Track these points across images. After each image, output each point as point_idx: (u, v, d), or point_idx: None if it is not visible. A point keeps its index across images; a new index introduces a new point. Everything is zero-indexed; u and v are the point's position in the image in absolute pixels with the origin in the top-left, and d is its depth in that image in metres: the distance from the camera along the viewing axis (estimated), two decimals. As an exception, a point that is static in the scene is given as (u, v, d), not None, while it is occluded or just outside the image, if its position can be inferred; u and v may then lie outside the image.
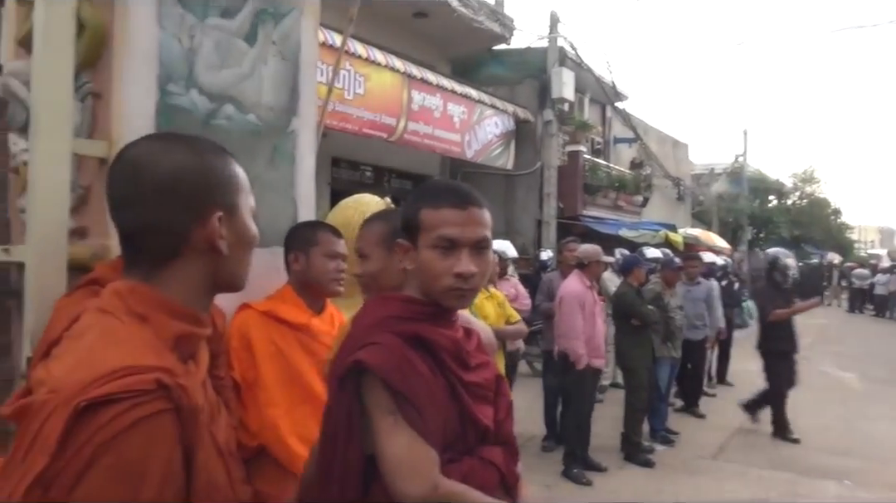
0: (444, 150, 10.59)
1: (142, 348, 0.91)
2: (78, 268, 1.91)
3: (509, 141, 12.16)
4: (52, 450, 0.79)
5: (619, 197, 15.11)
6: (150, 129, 2.08)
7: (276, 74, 2.51)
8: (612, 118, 16.80)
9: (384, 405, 1.24)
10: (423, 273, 1.36)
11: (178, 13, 2.17)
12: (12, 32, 2.31)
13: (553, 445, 5.93)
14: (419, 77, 9.58)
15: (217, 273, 1.04)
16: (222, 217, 1.01)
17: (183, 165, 0.99)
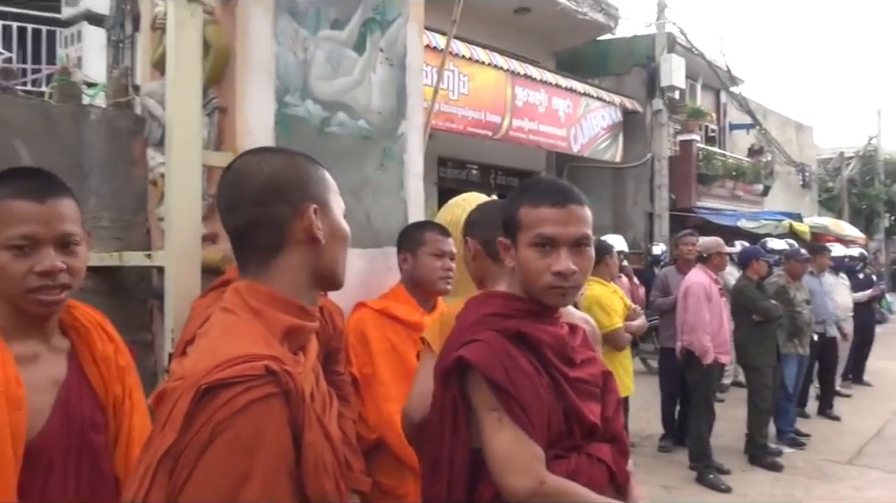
0: (549, 145, 10.49)
1: (254, 339, 1.01)
2: (210, 270, 2.06)
3: (617, 133, 11.87)
4: (179, 427, 0.91)
5: (737, 186, 14.36)
6: (270, 139, 2.22)
7: (384, 80, 2.60)
8: (726, 104, 16.00)
9: (488, 402, 1.27)
10: (523, 271, 1.38)
11: (293, 28, 2.29)
12: (148, 56, 2.53)
13: (671, 445, 5.74)
14: (522, 73, 9.54)
15: (317, 265, 1.10)
16: (317, 210, 1.08)
17: (279, 168, 1.09)
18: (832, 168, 22.01)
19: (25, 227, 1.25)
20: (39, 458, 1.25)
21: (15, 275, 1.25)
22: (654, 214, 12.26)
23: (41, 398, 1.28)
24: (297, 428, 0.97)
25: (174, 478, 0.90)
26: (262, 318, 1.04)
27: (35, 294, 1.26)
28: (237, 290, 1.08)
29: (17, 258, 1.25)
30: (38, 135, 2.25)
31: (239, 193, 1.08)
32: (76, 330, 1.40)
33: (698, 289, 5.00)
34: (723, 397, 6.88)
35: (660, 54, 12.23)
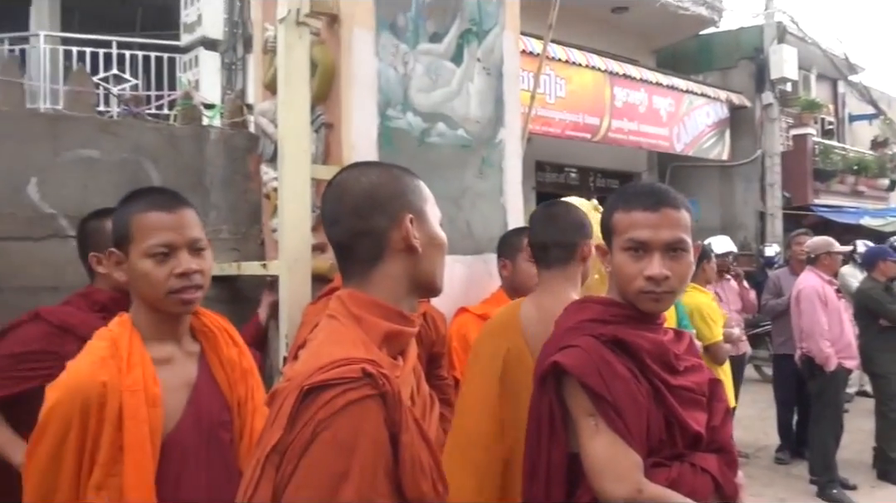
0: (651, 145, 10.21)
1: (355, 344, 1.06)
2: (320, 278, 2.17)
3: (723, 130, 11.38)
4: (285, 425, 0.97)
5: (859, 181, 13.39)
6: (374, 152, 2.31)
7: (481, 89, 2.64)
8: (845, 94, 14.98)
9: (584, 406, 1.28)
10: (617, 276, 1.39)
11: (393, 44, 2.38)
12: (260, 78, 2.70)
13: (788, 457, 5.43)
14: (621, 73, 9.34)
15: (415, 273, 1.14)
16: (413, 219, 1.12)
17: (376, 181, 1.14)
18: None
19: (163, 236, 1.41)
20: (173, 453, 1.37)
21: (158, 279, 1.40)
22: (766, 214, 11.65)
23: (175, 397, 1.40)
24: (394, 429, 1.01)
25: (280, 473, 0.95)
26: (362, 324, 1.09)
27: (177, 294, 1.41)
28: (340, 298, 1.13)
29: (159, 264, 1.40)
30: (164, 155, 2.46)
31: (340, 206, 1.14)
32: (205, 334, 1.53)
33: (810, 293, 4.70)
34: (847, 407, 6.43)
35: (769, 45, 11.63)
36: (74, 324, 1.76)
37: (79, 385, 1.30)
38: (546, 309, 1.82)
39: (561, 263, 1.85)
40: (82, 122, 2.35)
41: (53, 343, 1.74)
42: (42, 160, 2.25)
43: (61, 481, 1.28)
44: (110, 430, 1.29)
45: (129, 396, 1.31)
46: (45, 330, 1.76)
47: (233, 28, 5.70)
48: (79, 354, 1.38)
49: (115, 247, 1.43)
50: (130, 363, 1.35)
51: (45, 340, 1.75)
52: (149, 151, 2.42)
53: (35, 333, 1.76)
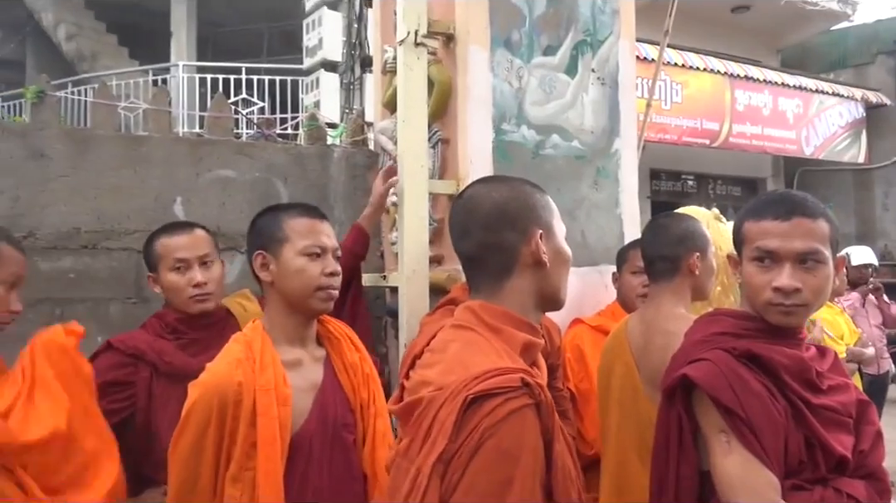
0: (776, 149, 9.66)
1: (499, 354, 1.08)
2: (437, 289, 2.24)
3: (859, 131, 10.58)
4: (450, 434, 0.98)
5: None
6: (489, 166, 2.36)
7: (596, 100, 2.63)
8: None
9: (715, 423, 1.24)
10: (746, 287, 1.35)
11: (507, 59, 2.42)
12: (379, 97, 2.82)
13: (940, 488, 4.95)
14: (742, 75, 8.93)
15: (543, 287, 1.17)
16: (542, 234, 1.15)
17: (507, 196, 1.17)
18: None
19: (318, 238, 1.57)
20: (300, 451, 1.46)
21: (314, 274, 1.53)
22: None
23: (303, 398, 1.50)
24: (548, 437, 1.03)
25: (446, 481, 0.97)
26: (501, 335, 1.11)
27: (324, 290, 1.55)
28: (472, 310, 1.15)
29: (312, 261, 1.54)
30: (293, 174, 2.62)
31: (471, 220, 1.17)
32: (329, 340, 1.62)
33: None
34: None
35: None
36: (144, 350, 1.80)
37: (217, 384, 1.41)
38: (648, 323, 1.81)
39: (666, 277, 1.83)
40: (221, 145, 2.55)
41: (125, 372, 1.77)
42: (186, 180, 2.47)
43: (202, 471, 1.39)
44: (245, 427, 1.39)
45: (262, 395, 1.41)
46: (116, 360, 1.78)
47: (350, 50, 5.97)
48: (217, 356, 1.49)
49: (263, 249, 1.55)
50: (263, 364, 1.45)
51: (117, 370, 1.77)
52: (279, 170, 2.59)
53: (107, 364, 1.77)
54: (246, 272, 1.68)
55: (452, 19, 2.40)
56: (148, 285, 1.94)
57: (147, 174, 2.42)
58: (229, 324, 1.89)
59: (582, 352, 2.27)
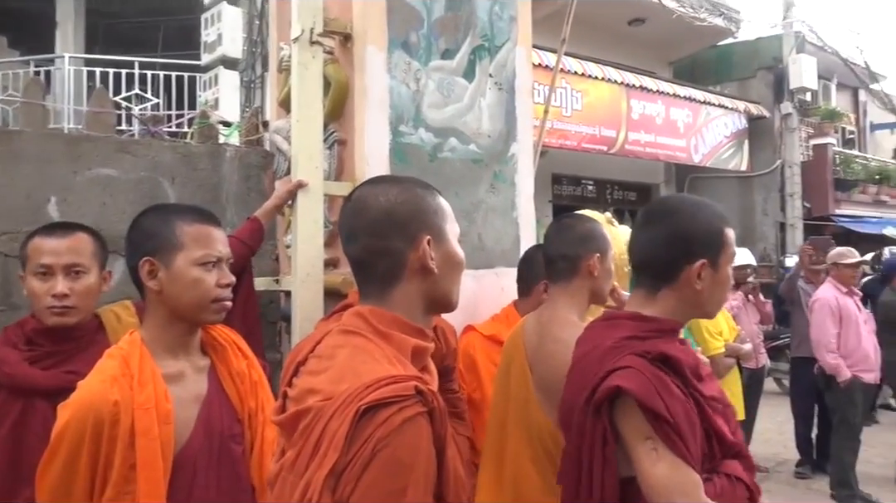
0: (668, 156, 10.18)
1: (391, 360, 1.05)
2: (333, 293, 2.19)
3: (742, 140, 11.31)
4: (341, 446, 0.95)
5: (881, 191, 13.21)
6: (386, 168, 2.33)
7: (493, 104, 2.65)
8: (866, 103, 14.81)
9: (640, 430, 1.22)
10: (708, 297, 1.38)
11: (405, 61, 2.40)
12: (275, 96, 2.74)
13: (809, 472, 5.33)
14: (638, 85, 9.34)
15: (432, 292, 1.15)
16: (430, 240, 1.12)
17: (395, 200, 1.13)
18: None
19: (216, 248, 1.49)
20: (184, 468, 1.38)
21: (209, 286, 1.45)
22: (786, 224, 11.53)
23: (186, 413, 1.41)
24: (440, 444, 1.02)
25: (337, 495, 0.94)
26: (391, 341, 1.09)
27: (219, 302, 1.47)
28: (361, 315, 1.12)
29: (208, 272, 1.46)
30: (181, 173, 2.50)
31: (358, 224, 1.14)
32: (214, 348, 1.55)
33: (821, 305, 4.68)
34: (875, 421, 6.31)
35: (787, 55, 11.56)
36: None
37: (91, 403, 1.31)
38: (544, 325, 1.82)
39: (565, 277, 1.84)
40: (101, 142, 2.40)
41: None
42: (62, 179, 2.30)
43: (75, 497, 1.29)
44: (122, 449, 1.30)
45: (142, 414, 1.32)
46: None
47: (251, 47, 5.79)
48: (90, 373, 1.39)
49: (151, 255, 1.44)
50: (142, 380, 1.36)
51: None
52: (166, 170, 2.46)
53: None
54: (127, 278, 1.54)
55: (350, 18, 2.36)
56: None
57: (17, 172, 2.24)
58: (96, 338, 1.75)
59: (474, 362, 2.26)
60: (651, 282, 1.39)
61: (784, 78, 11.56)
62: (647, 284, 1.39)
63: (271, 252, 2.63)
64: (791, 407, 5.60)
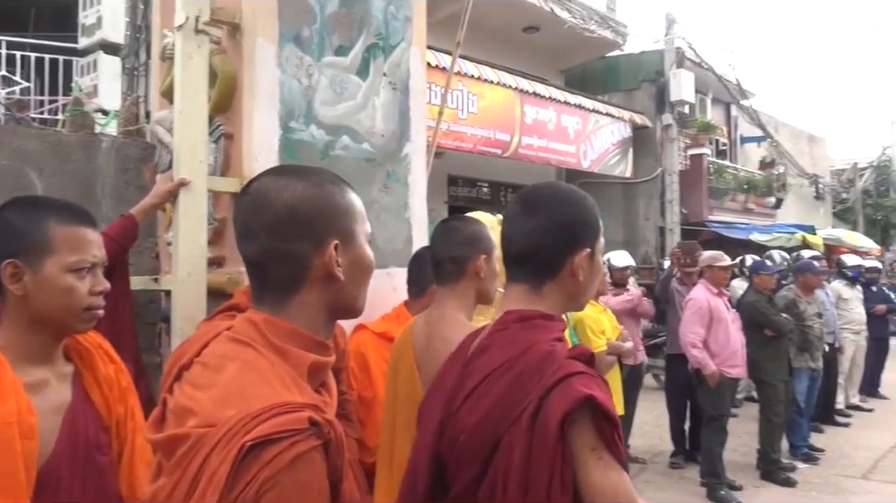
0: (559, 161, 10.53)
1: (285, 383, 0.94)
2: (216, 293, 2.10)
3: (627, 148, 11.89)
4: (221, 488, 0.84)
5: (749, 199, 14.30)
6: (275, 164, 2.26)
7: (387, 104, 2.64)
8: (737, 117, 15.97)
9: (588, 441, 1.11)
10: (578, 286, 1.28)
11: (297, 55, 2.35)
12: (158, 86, 2.60)
13: (682, 461, 5.68)
14: (531, 91, 9.60)
15: (337, 300, 1.04)
16: (338, 245, 1.01)
17: (301, 197, 1.01)
18: (846, 179, 21.86)
19: (91, 252, 1.36)
20: (49, 482, 1.28)
21: (81, 294, 1.34)
22: (665, 229, 12.23)
23: (49, 423, 1.31)
24: (335, 478, 0.94)
25: None
26: (287, 357, 0.99)
27: (90, 311, 1.36)
28: (255, 324, 1.01)
29: (81, 280, 1.34)
30: (50, 164, 2.32)
31: (256, 221, 1.01)
32: (79, 353, 1.44)
33: (693, 305, 5.03)
34: (736, 412, 6.81)
35: (669, 69, 12.26)
36: None
37: None
38: (432, 325, 1.82)
39: (452, 279, 1.84)
40: (-43, 126, 2.19)
41: None
42: None
43: None
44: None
45: (5, 429, 1.21)
46: None
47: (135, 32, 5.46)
48: None
49: (16, 257, 1.30)
50: (2, 392, 1.24)
51: None
52: (32, 159, 2.27)
53: None
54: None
55: (239, 8, 2.27)
56: None
57: None
58: None
59: (366, 360, 2.24)
60: (534, 277, 1.27)
61: (665, 90, 12.25)
62: (529, 279, 1.27)
63: (151, 249, 2.49)
64: (666, 401, 5.95)
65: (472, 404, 1.20)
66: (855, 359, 7.53)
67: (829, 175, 20.70)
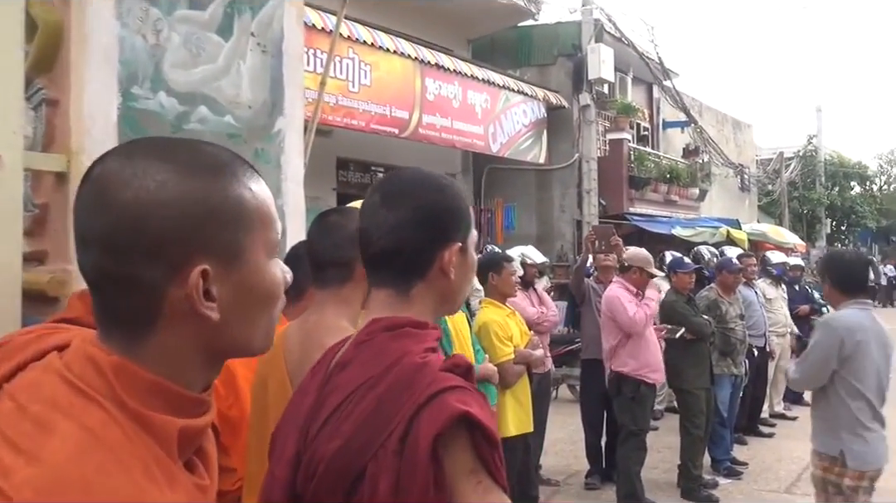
0: (465, 144, 10.64)
1: (151, 470, 0.78)
2: (36, 296, 1.96)
3: (541, 131, 12.17)
4: None
5: (672, 190, 15.03)
6: (114, 139, 2.13)
7: (255, 69, 2.55)
8: (660, 99, 16.72)
9: (465, 464, 1.09)
10: (451, 285, 1.28)
11: (141, 7, 2.22)
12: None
13: (598, 482, 5.86)
14: (433, 63, 9.64)
15: (216, 341, 0.87)
16: (209, 271, 0.82)
17: (152, 195, 0.81)
18: (772, 170, 23.40)
19: None
20: None
21: None
22: (582, 222, 12.61)
23: None
24: None
25: None
26: (148, 426, 0.80)
27: None
28: (100, 369, 0.81)
29: None
30: None
31: (89, 226, 0.82)
32: None
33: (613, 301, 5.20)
34: (656, 425, 7.11)
35: (587, 43, 12.65)
36: None
37: None
38: (308, 333, 1.79)
39: (336, 283, 1.81)
40: None
41: None
42: None
43: None
44: None
45: None
46: None
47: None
48: None
49: None
50: None
51: None
52: None
53: None
54: None
55: (66, -55, 2.12)
56: None
57: None
58: None
59: (232, 373, 2.15)
60: (400, 279, 1.24)
61: (583, 67, 12.63)
62: (394, 282, 1.25)
63: (-49, 242, 2.29)
64: (581, 413, 6.13)
65: (331, 429, 1.15)
66: (779, 364, 8.02)
67: (755, 165, 22.07)
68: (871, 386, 3.42)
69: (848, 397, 3.38)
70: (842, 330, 3.41)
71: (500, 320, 4.11)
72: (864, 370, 3.40)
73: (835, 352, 3.39)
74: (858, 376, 3.39)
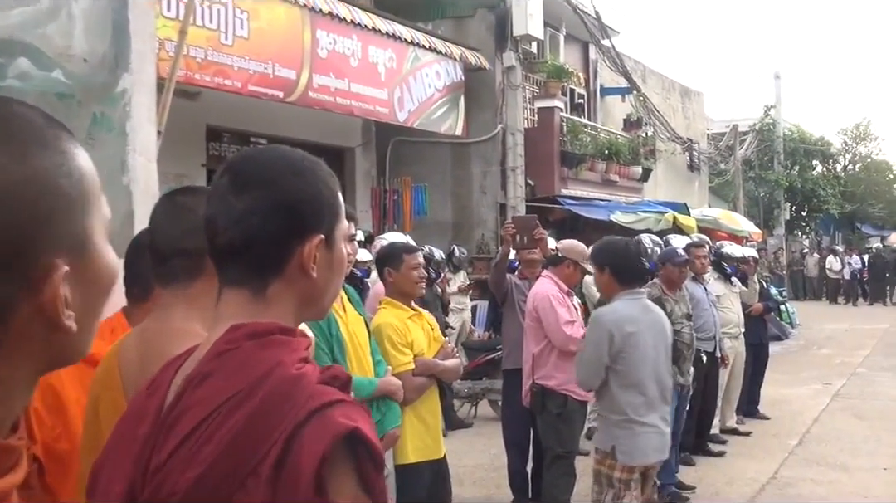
0: (365, 111, 10.61)
1: None
2: None
3: (457, 97, 12.26)
4: None
5: (611, 169, 15.39)
6: None
7: (91, 13, 2.50)
8: (597, 61, 17.11)
9: (350, 491, 1.11)
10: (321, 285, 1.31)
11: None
12: None
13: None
14: (326, 11, 9.56)
15: (58, 355, 0.87)
16: (63, 269, 0.81)
17: None
18: (724, 146, 24.29)
19: None
20: None
21: None
22: (507, 206, 12.78)
23: None
24: None
25: None
26: None
27: None
28: None
29: None
30: None
31: None
32: None
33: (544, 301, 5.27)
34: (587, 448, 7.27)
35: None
36: None
37: None
38: (149, 342, 1.76)
39: (184, 279, 1.79)
40: None
41: None
42: None
43: None
44: None
45: None
46: None
47: None
48: None
49: None
50: None
51: None
52: None
53: None
54: None
55: None
56: None
57: None
58: None
59: (59, 397, 2.11)
60: (254, 276, 1.26)
61: (507, 22, 12.79)
62: (248, 280, 1.26)
63: None
64: (503, 434, 6.21)
65: (185, 456, 1.14)
66: (733, 370, 8.32)
67: (706, 140, 22.88)
68: (647, 377, 3.98)
69: (620, 391, 3.96)
70: (610, 324, 3.97)
71: (398, 323, 4.04)
72: (636, 362, 3.96)
73: (605, 347, 3.95)
74: (630, 369, 3.95)
